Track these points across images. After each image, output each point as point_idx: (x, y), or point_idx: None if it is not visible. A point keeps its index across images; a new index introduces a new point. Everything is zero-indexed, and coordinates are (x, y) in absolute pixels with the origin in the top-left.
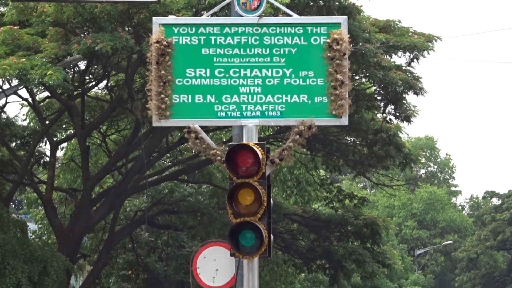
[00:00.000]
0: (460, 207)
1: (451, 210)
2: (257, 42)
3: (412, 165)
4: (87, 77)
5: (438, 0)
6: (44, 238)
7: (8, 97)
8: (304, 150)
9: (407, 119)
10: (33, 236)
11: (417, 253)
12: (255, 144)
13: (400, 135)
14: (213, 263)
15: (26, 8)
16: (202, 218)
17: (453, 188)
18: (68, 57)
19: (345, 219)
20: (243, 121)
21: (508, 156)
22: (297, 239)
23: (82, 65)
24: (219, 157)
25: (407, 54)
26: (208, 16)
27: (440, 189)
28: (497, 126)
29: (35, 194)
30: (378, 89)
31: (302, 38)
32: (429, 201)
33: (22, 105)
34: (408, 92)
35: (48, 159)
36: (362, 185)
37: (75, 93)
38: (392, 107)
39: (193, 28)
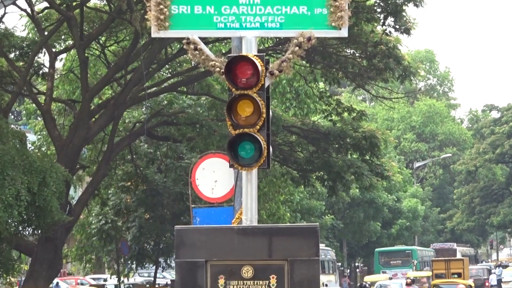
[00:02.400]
0: (459, 120)
1: (450, 123)
2: None
3: (412, 77)
4: None
5: None
6: (43, 149)
7: (7, 8)
8: (304, 62)
9: (407, 31)
10: (32, 147)
11: (415, 165)
12: (255, 55)
13: (400, 47)
14: (212, 175)
15: None
16: (201, 130)
17: (452, 101)
18: None
19: (344, 132)
20: (242, 33)
21: (508, 69)
22: (296, 151)
23: None
24: (218, 68)
25: None
26: None
27: (439, 102)
28: (497, 39)
29: (34, 105)
30: (377, 1)
31: None
32: (428, 114)
33: (21, 16)
34: (408, 4)
35: (47, 70)
36: (361, 98)
37: (74, 3)
38: (392, 19)
39: None
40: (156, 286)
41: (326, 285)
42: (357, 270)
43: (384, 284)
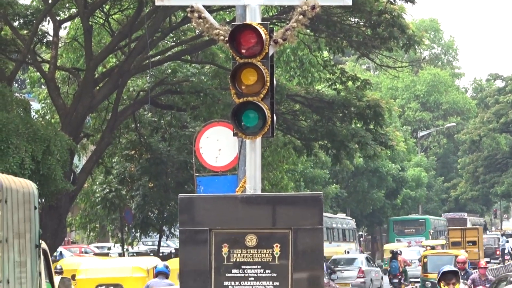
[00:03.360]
0: (463, 90)
1: (454, 92)
2: None
3: (416, 46)
4: None
5: None
6: (47, 117)
7: None
8: (308, 31)
9: (411, 0)
10: (36, 116)
11: (419, 135)
12: (259, 24)
13: (404, 16)
14: (216, 143)
15: None
16: (205, 98)
17: (456, 70)
18: None
19: (348, 101)
20: (246, 1)
21: None
22: (300, 120)
23: None
24: (222, 37)
25: None
26: None
27: (444, 71)
28: (502, 8)
29: (38, 73)
30: None
31: None
32: (432, 83)
33: None
34: None
35: (51, 38)
36: (365, 67)
37: None
38: None
39: None
40: (160, 254)
41: (348, 252)
42: (361, 239)
43: (399, 251)
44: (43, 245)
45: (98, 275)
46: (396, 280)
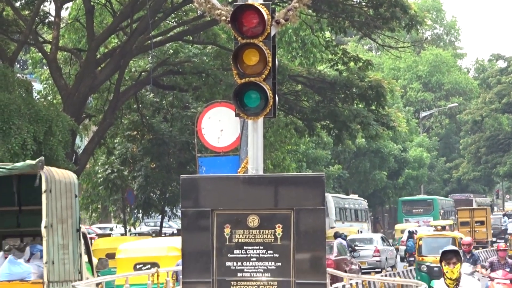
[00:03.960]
0: (465, 70)
1: (456, 72)
2: None
3: (418, 27)
4: None
5: None
6: (49, 98)
7: None
8: (310, 11)
9: None
10: (38, 96)
11: (422, 115)
12: (261, 4)
13: None
14: (218, 124)
15: None
16: (207, 79)
17: (458, 51)
18: None
19: (350, 81)
20: None
21: None
22: (302, 100)
23: None
24: (224, 17)
25: None
26: None
27: (446, 51)
28: None
29: (40, 54)
30: None
31: None
32: (434, 64)
33: None
34: None
35: (52, 19)
36: (367, 47)
37: None
38: None
39: None
40: (162, 235)
41: (361, 232)
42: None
43: (415, 230)
44: (83, 229)
45: (137, 254)
46: (412, 259)
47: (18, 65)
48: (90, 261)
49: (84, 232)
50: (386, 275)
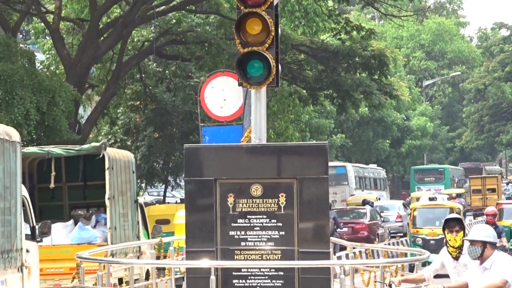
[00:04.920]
0: (468, 38)
1: (459, 41)
2: None
3: None
4: None
5: None
6: (52, 68)
7: None
8: None
9: None
10: (41, 67)
11: (424, 84)
12: None
13: None
14: (221, 93)
15: None
16: (209, 49)
17: (461, 19)
18: None
19: (353, 50)
20: None
21: None
22: (305, 70)
23: None
24: None
25: None
26: None
27: (449, 20)
28: None
29: (42, 24)
30: None
31: None
32: (437, 32)
33: None
34: None
35: None
36: (370, 16)
37: None
38: None
39: None
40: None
41: (379, 199)
42: None
43: (435, 196)
44: (140, 200)
45: None
46: None
47: (21, 36)
48: (146, 228)
49: (141, 203)
50: (390, 244)
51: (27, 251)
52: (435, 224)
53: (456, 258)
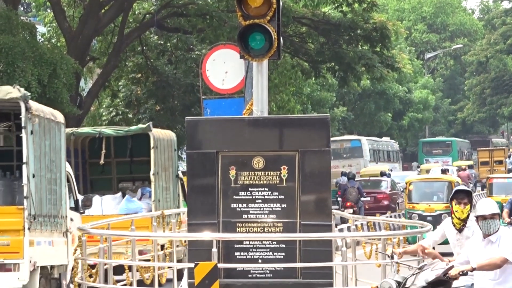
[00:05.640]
0: (470, 11)
1: (461, 13)
2: None
3: None
4: None
5: None
6: (53, 41)
7: None
8: None
9: None
10: (42, 39)
11: (426, 56)
12: None
13: None
14: (223, 66)
15: None
16: (211, 21)
17: None
18: None
19: (355, 23)
20: None
21: None
22: (306, 42)
23: None
24: None
25: None
26: None
27: None
28: None
29: None
30: None
31: None
32: (439, 5)
33: None
34: None
35: None
36: None
37: None
38: None
39: None
40: None
41: (391, 170)
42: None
43: (447, 168)
44: (180, 175)
45: None
46: None
47: (22, 8)
48: (185, 199)
49: (181, 178)
50: (391, 216)
51: (71, 219)
52: (433, 199)
53: (460, 231)
